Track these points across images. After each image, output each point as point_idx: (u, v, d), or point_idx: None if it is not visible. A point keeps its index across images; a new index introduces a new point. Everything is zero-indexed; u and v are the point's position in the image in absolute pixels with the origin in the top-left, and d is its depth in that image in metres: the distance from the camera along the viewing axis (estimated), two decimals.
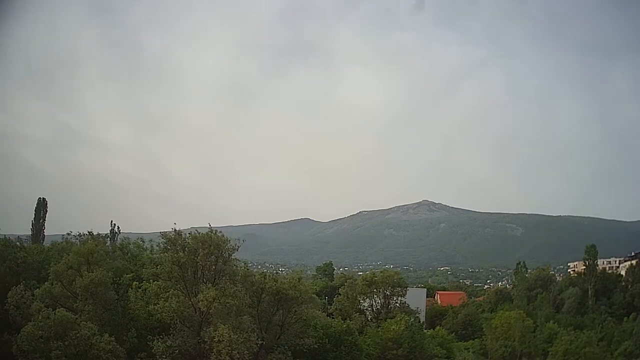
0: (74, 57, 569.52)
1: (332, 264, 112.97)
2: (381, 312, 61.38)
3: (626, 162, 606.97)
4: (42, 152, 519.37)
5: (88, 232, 41.76)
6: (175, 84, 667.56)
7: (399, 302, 61.97)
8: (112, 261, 41.88)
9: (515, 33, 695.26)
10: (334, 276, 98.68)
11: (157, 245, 45.28)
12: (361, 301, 63.01)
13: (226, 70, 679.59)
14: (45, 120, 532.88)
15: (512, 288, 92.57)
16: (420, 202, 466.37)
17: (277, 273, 51.84)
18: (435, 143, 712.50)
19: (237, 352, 31.47)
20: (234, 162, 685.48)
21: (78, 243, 40.14)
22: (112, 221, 65.73)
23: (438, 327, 64.33)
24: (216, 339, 31.79)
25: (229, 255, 35.93)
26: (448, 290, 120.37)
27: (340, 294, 64.04)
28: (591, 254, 76.75)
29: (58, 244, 45.10)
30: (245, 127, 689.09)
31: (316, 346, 40.56)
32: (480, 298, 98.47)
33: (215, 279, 35.08)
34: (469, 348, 56.73)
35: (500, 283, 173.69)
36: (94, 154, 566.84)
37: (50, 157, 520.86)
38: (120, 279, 38.43)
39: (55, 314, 31.71)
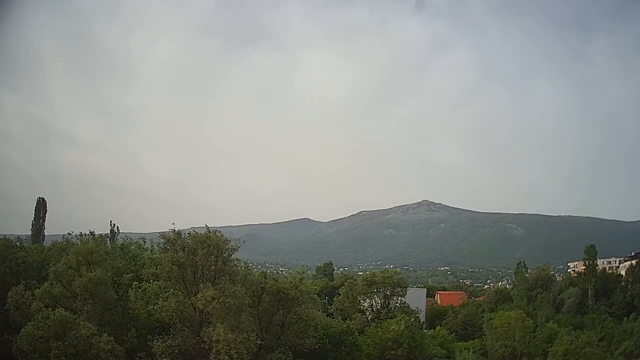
0: (38, 51, 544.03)
1: (332, 264, 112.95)
2: (381, 312, 61.35)
3: (627, 162, 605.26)
4: (19, 148, 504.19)
5: (90, 232, 41.86)
6: (141, 77, 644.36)
7: (399, 302, 61.96)
8: (112, 261, 41.86)
9: (481, 8, 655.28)
10: (334, 276, 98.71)
11: (157, 246, 45.27)
12: (361, 301, 63.00)
13: (184, 59, 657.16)
14: (20, 115, 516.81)
15: (512, 288, 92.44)
16: (420, 202, 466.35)
17: (277, 273, 51.81)
18: (409, 135, 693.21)
19: (236, 352, 31.49)
20: (212, 156, 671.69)
21: (79, 243, 40.18)
22: (111, 221, 65.81)
23: (438, 327, 64.34)
24: (214, 339, 31.81)
25: (229, 255, 35.94)
26: (448, 290, 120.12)
27: (340, 294, 64.03)
28: (591, 254, 76.74)
29: (58, 244, 45.07)
30: (210, 120, 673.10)
31: (316, 346, 40.59)
32: (480, 298, 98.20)
33: (215, 278, 35.06)
34: (469, 348, 56.60)
35: (500, 283, 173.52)
36: (73, 150, 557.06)
37: (26, 152, 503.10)
38: (120, 279, 38.44)
39: (54, 314, 31.71)
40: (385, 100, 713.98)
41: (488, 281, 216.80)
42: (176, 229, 36.29)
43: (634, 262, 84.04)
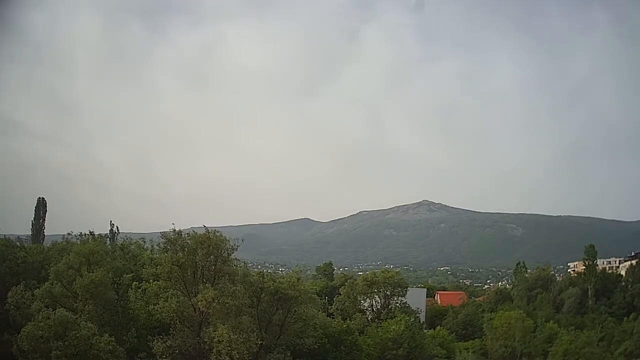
0: None
1: (332, 264, 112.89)
2: (381, 312, 61.38)
3: (627, 160, 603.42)
4: None
5: (89, 232, 41.97)
6: (78, 66, 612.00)
7: (399, 302, 61.99)
8: (112, 261, 41.91)
9: None
10: (334, 276, 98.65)
11: (157, 246, 45.31)
12: (362, 301, 63.02)
13: (110, 42, 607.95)
14: None
15: (512, 288, 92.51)
16: (420, 202, 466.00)
17: (276, 273, 51.82)
18: (366, 120, 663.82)
19: (237, 352, 31.51)
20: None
21: (79, 243, 40.24)
22: (111, 221, 65.89)
23: (438, 327, 64.42)
24: (216, 339, 31.83)
25: (228, 255, 35.97)
26: (448, 290, 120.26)
27: (340, 294, 64.03)
28: (591, 254, 76.82)
29: (58, 244, 45.15)
30: (150, 108, 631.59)
31: (316, 346, 40.54)
32: (480, 298, 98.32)
33: (214, 278, 35.08)
34: (469, 348, 56.71)
35: (500, 283, 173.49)
36: (36, 142, 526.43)
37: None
38: (120, 279, 38.47)
39: (55, 314, 31.71)
40: (323, 76, 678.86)
41: (488, 281, 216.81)
42: (176, 229, 36.33)
43: (634, 262, 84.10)
